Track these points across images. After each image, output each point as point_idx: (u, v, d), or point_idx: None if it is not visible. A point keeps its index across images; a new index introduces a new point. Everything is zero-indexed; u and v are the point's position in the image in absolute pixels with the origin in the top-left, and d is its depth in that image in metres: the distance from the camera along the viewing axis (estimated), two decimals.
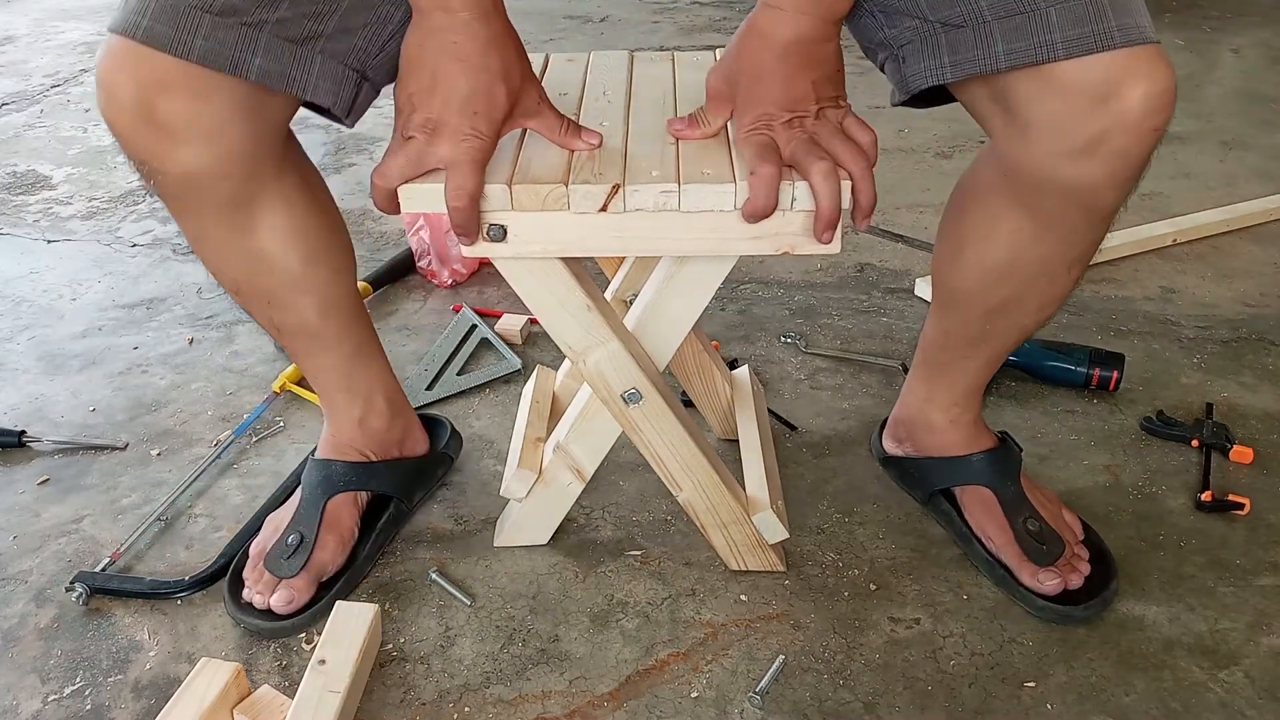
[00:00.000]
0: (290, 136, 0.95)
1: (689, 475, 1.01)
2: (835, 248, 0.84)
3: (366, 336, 1.09)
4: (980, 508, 1.08)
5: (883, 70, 0.90)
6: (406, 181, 0.83)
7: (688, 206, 0.83)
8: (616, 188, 0.82)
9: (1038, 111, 0.81)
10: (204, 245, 0.95)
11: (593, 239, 0.85)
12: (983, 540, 1.07)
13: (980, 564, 1.07)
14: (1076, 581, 1.03)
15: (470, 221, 0.83)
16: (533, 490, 1.06)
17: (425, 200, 0.83)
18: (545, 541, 1.12)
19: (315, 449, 1.13)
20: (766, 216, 0.82)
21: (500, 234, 0.84)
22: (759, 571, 1.08)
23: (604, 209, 0.83)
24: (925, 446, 1.14)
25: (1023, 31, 0.78)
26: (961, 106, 0.91)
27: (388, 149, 0.83)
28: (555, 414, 1.17)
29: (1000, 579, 1.05)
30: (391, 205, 0.84)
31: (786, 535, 1.04)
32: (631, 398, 0.96)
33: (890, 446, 1.20)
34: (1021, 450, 1.13)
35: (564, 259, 0.89)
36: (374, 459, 1.11)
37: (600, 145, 0.87)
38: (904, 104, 0.90)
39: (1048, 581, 1.01)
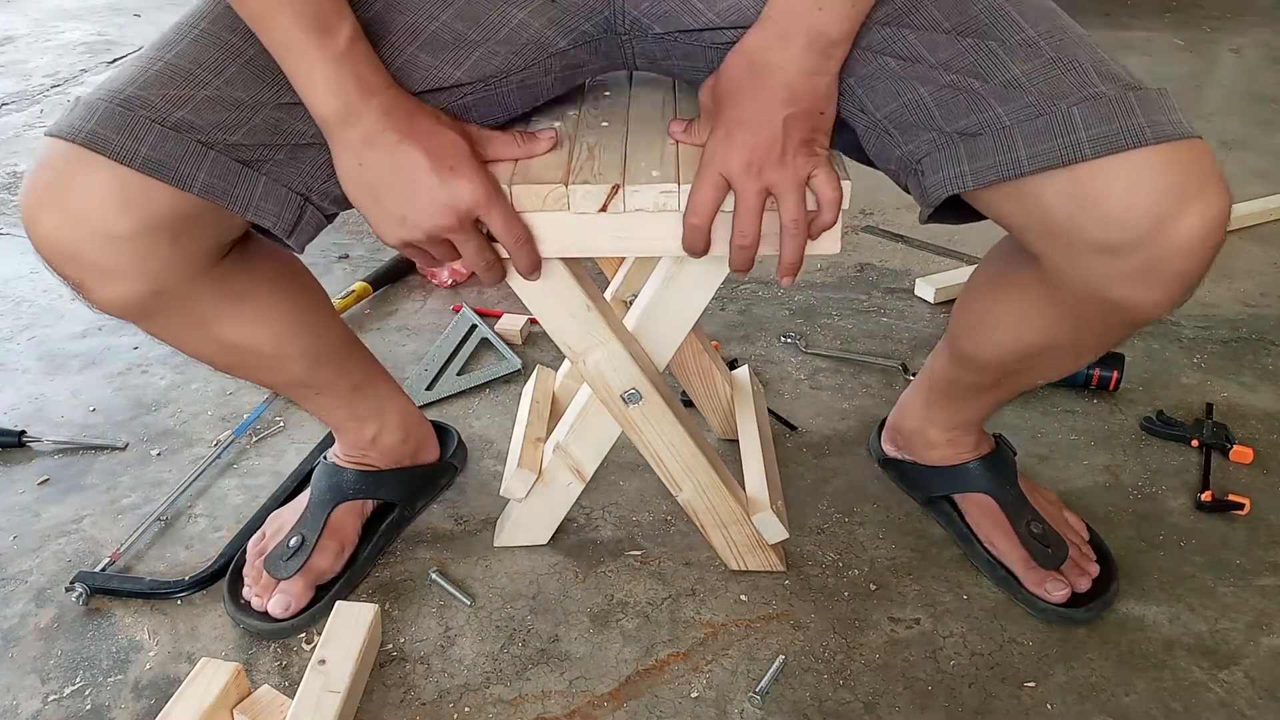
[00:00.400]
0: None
1: (689, 475, 1.01)
2: (835, 248, 0.84)
3: (365, 368, 1.07)
4: (981, 513, 1.08)
5: (906, 190, 0.85)
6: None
7: None
8: (616, 188, 0.82)
9: (1084, 234, 0.75)
10: (165, 340, 0.91)
11: (593, 239, 0.85)
12: (986, 545, 1.07)
13: (981, 565, 1.07)
14: (1084, 585, 1.03)
15: (536, 254, 0.84)
16: (533, 490, 1.06)
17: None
18: (545, 541, 1.11)
19: (323, 445, 1.12)
20: (700, 256, 0.84)
21: None
22: (759, 571, 1.08)
23: (604, 209, 0.83)
24: (923, 457, 1.14)
25: (1045, 134, 0.73)
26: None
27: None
28: (555, 415, 1.17)
29: (1002, 580, 1.05)
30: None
31: (786, 535, 1.04)
32: (631, 398, 0.96)
33: (889, 449, 1.20)
34: (1016, 453, 1.14)
35: (564, 259, 0.89)
36: (383, 468, 1.11)
37: (558, 137, 0.86)
38: (932, 220, 0.84)
39: (1056, 591, 1.01)
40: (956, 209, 0.84)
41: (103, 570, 1.08)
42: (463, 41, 0.83)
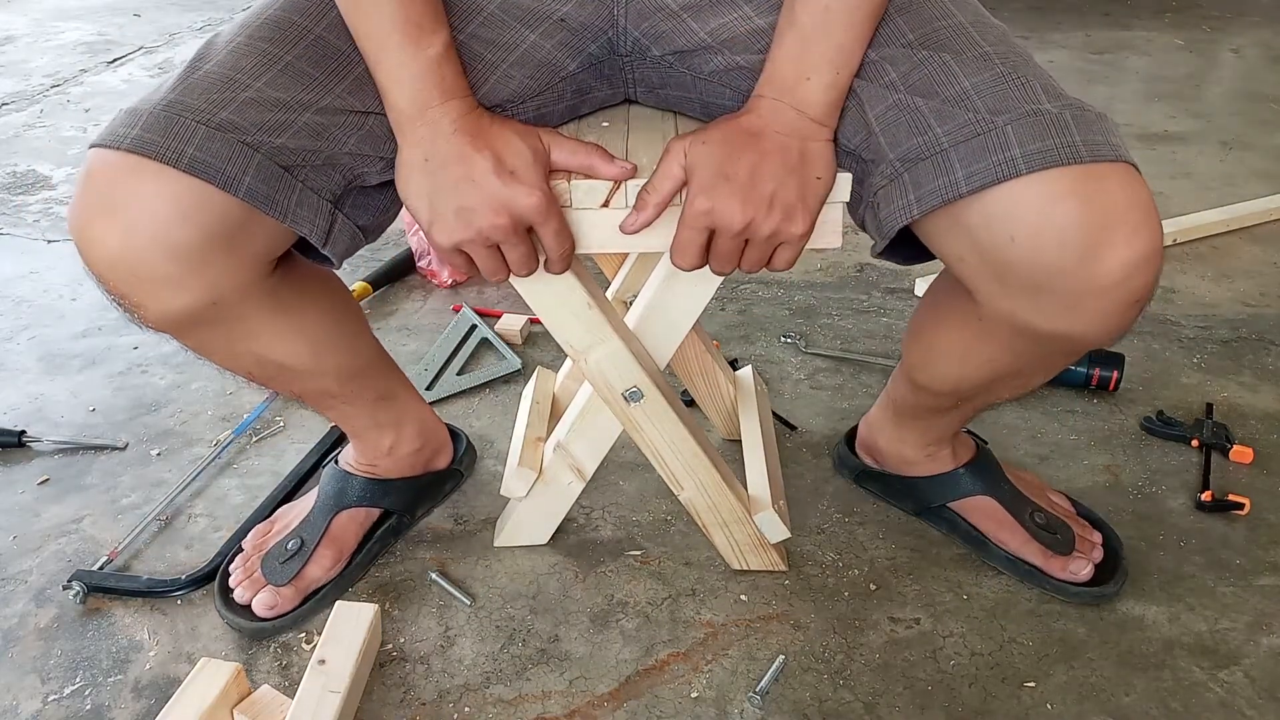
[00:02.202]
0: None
1: (690, 474, 1.01)
2: (836, 241, 0.85)
3: (391, 380, 1.08)
4: (984, 516, 1.08)
5: (863, 227, 0.85)
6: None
7: None
8: (618, 183, 0.82)
9: (1010, 266, 0.75)
10: (205, 354, 0.91)
11: (595, 235, 0.85)
12: (998, 545, 1.07)
13: (1001, 565, 1.07)
14: (1099, 555, 1.05)
15: (570, 262, 0.86)
16: (533, 489, 1.06)
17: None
18: (545, 541, 1.11)
19: (322, 444, 1.10)
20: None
21: None
22: (759, 571, 1.08)
23: (606, 204, 0.83)
24: (907, 472, 1.14)
25: (980, 153, 0.73)
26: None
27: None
28: (555, 416, 1.17)
29: (1026, 574, 1.05)
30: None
31: (788, 535, 1.04)
32: (633, 396, 0.96)
33: (869, 462, 1.19)
34: (986, 443, 1.14)
35: None
36: (390, 478, 1.11)
37: (634, 172, 0.83)
38: (884, 255, 0.84)
39: (1081, 570, 1.03)
40: (904, 250, 0.84)
41: (100, 569, 1.08)
42: (480, 62, 0.84)
